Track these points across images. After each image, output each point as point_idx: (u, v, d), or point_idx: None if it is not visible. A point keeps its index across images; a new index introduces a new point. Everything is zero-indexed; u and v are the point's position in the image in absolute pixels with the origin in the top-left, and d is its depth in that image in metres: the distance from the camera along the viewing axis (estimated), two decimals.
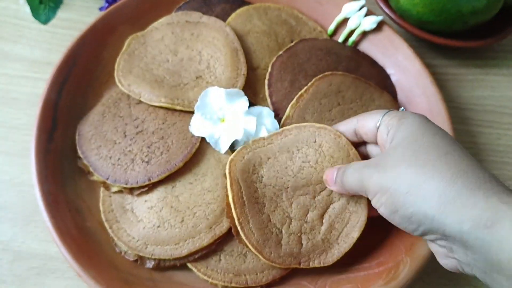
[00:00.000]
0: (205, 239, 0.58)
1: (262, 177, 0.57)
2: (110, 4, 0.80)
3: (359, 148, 0.59)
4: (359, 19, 0.75)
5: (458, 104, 0.80)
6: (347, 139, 0.58)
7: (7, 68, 0.76)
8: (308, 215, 0.56)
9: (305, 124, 0.60)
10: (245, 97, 0.64)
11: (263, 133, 0.63)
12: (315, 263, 0.55)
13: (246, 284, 0.57)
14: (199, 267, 0.58)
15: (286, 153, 0.58)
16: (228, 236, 0.59)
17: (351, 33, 0.76)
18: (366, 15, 0.75)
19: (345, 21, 0.77)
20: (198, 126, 0.63)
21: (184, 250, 0.57)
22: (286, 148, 0.58)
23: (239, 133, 0.62)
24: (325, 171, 0.56)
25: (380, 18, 0.74)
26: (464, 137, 0.77)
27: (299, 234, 0.55)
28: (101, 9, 0.82)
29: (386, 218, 0.47)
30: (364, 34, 0.76)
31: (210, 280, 0.57)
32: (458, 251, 0.42)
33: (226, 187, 0.57)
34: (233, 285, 0.57)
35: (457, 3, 0.70)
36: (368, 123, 0.53)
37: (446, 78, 0.82)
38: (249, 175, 0.57)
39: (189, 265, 0.59)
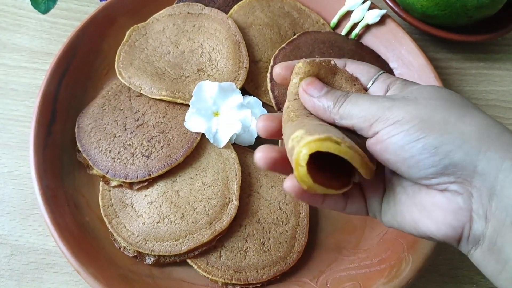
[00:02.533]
0: (205, 235, 0.57)
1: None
2: None
3: None
4: (362, 12, 0.74)
5: None
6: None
7: (6, 58, 0.75)
8: None
9: None
10: (238, 90, 0.64)
11: (253, 123, 0.62)
12: None
13: (247, 281, 0.57)
14: (199, 263, 0.58)
15: None
16: (229, 232, 0.59)
17: (354, 26, 0.75)
18: (370, 8, 0.74)
19: (348, 14, 0.76)
20: (193, 122, 0.62)
21: (184, 246, 0.57)
22: None
23: (237, 126, 0.61)
24: (305, 81, 0.45)
25: (383, 11, 0.73)
26: None
27: None
28: None
29: (391, 153, 0.40)
30: (367, 27, 0.75)
31: (210, 276, 0.57)
32: (479, 197, 0.37)
33: (226, 182, 0.56)
34: (233, 282, 0.57)
35: None
36: (361, 71, 0.47)
37: (449, 72, 0.81)
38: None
39: (189, 261, 0.58)
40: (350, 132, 0.42)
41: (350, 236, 0.62)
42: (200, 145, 0.62)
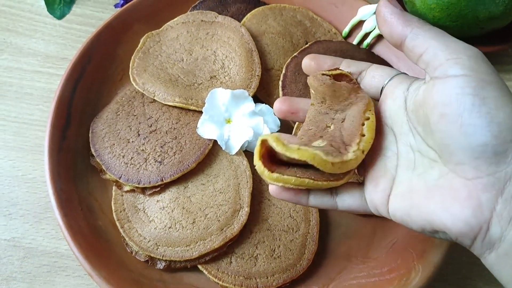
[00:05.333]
0: (216, 241, 0.58)
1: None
2: (125, 1, 0.80)
3: None
4: (374, 22, 0.74)
5: None
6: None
7: (21, 62, 0.76)
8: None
9: None
10: (250, 97, 0.64)
11: (265, 130, 0.63)
12: None
13: (257, 287, 0.57)
14: (210, 269, 0.58)
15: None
16: (239, 238, 0.59)
17: (366, 35, 0.76)
18: None
19: (360, 23, 0.76)
20: (206, 128, 0.63)
21: (195, 252, 0.57)
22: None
23: (249, 134, 0.62)
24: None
25: None
26: None
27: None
28: (116, 5, 0.82)
29: (454, 111, 0.37)
30: (379, 37, 0.75)
31: (220, 282, 0.57)
32: (509, 200, 0.35)
33: (237, 189, 0.56)
34: None
35: (474, 8, 0.69)
36: (382, 71, 0.48)
37: None
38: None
39: (199, 267, 0.58)
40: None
41: (359, 245, 0.62)
42: (212, 151, 0.63)
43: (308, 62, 0.51)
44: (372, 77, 0.48)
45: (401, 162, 0.44)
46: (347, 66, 0.50)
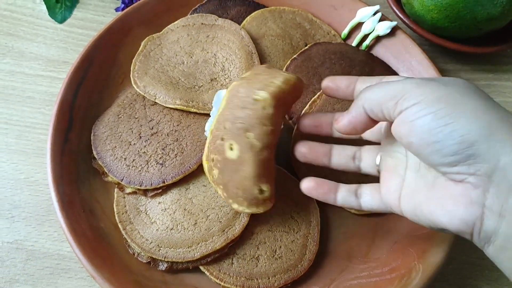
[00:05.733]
0: (217, 242, 0.58)
1: None
2: (126, 5, 0.80)
3: None
4: (373, 24, 0.75)
5: None
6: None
7: (23, 66, 0.77)
8: None
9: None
10: None
11: None
12: None
13: None
14: (212, 270, 0.58)
15: None
16: (241, 239, 0.59)
17: (365, 37, 0.76)
18: (380, 20, 0.75)
19: (359, 25, 0.76)
20: None
21: (196, 253, 0.58)
22: None
23: None
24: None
25: (394, 23, 0.74)
26: None
27: None
28: (117, 9, 0.82)
29: (416, 135, 0.39)
30: (378, 38, 0.76)
31: (222, 283, 0.58)
32: (496, 193, 0.37)
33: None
34: None
35: (472, 10, 0.69)
36: (369, 82, 0.50)
37: None
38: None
39: (201, 268, 0.59)
40: None
41: (360, 245, 0.62)
42: None
43: (326, 84, 0.53)
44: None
45: (409, 163, 0.47)
46: (362, 82, 0.51)
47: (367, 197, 0.51)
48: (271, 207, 0.54)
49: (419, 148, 0.40)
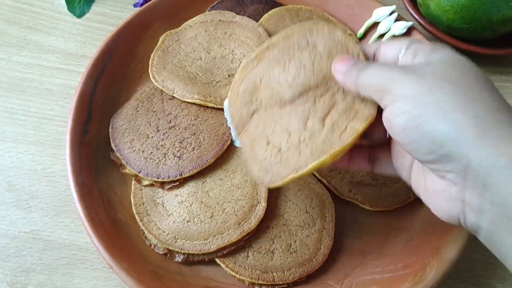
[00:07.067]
0: (233, 235, 0.58)
1: (261, 101, 0.52)
2: (145, 0, 0.81)
3: None
4: (389, 24, 0.75)
5: None
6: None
7: (41, 59, 0.78)
8: (308, 123, 0.48)
9: (291, 28, 0.53)
10: None
11: None
12: (312, 165, 0.46)
13: (273, 282, 0.58)
14: (227, 262, 0.59)
15: (277, 66, 0.51)
16: (256, 233, 0.60)
17: (380, 37, 0.77)
18: (396, 20, 0.76)
19: (375, 25, 0.77)
20: None
21: (212, 245, 0.58)
22: (276, 62, 0.52)
23: None
24: (335, 60, 0.47)
25: (410, 23, 0.75)
26: None
27: (298, 144, 0.47)
28: (135, 5, 0.83)
29: (395, 134, 0.41)
30: (394, 38, 0.76)
31: (237, 276, 0.58)
32: (472, 192, 0.37)
33: (254, 184, 0.57)
34: (260, 282, 0.58)
35: (487, 11, 0.70)
36: (393, 45, 0.46)
37: None
38: (248, 107, 0.53)
39: (217, 260, 0.59)
40: None
41: (374, 241, 0.62)
42: (230, 148, 0.64)
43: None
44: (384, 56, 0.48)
45: None
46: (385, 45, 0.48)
47: (381, 163, 0.52)
48: None
49: (402, 144, 0.41)
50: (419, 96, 0.38)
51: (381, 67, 0.43)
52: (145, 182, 0.62)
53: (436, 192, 0.41)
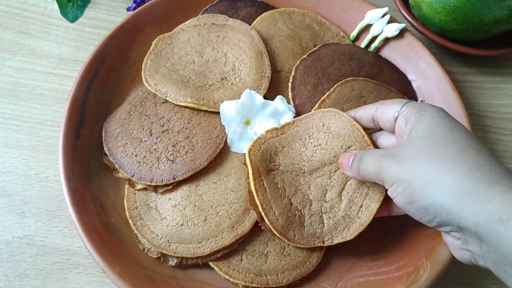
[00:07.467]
0: (227, 239, 0.58)
1: (279, 165, 0.60)
2: (138, 4, 0.81)
3: (373, 134, 0.61)
4: (381, 26, 0.75)
5: (477, 112, 0.80)
6: (364, 125, 0.60)
7: (35, 64, 0.78)
8: (327, 195, 0.58)
9: (313, 112, 0.64)
10: (269, 101, 0.66)
11: (285, 119, 0.66)
12: (338, 239, 0.57)
13: (267, 285, 0.58)
14: (221, 266, 0.59)
15: (299, 140, 0.61)
16: (250, 236, 0.60)
17: (373, 39, 0.77)
18: (389, 22, 0.76)
19: (368, 27, 0.77)
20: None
21: (206, 249, 0.58)
22: (298, 136, 0.62)
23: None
24: (341, 156, 0.58)
25: (402, 25, 0.75)
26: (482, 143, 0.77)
27: (320, 214, 0.57)
28: (128, 9, 0.83)
29: (401, 208, 0.48)
30: (386, 40, 0.77)
31: (231, 279, 0.58)
32: (472, 243, 0.43)
33: (247, 180, 0.58)
34: (254, 285, 0.58)
35: (479, 12, 0.70)
36: (386, 111, 0.54)
37: (465, 86, 0.83)
38: (267, 163, 0.59)
39: (211, 264, 0.59)
40: None
41: (368, 243, 0.62)
42: (224, 151, 0.64)
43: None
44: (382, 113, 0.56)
45: None
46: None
47: (383, 140, 0.59)
48: None
49: (410, 215, 0.48)
50: (405, 179, 0.45)
51: (372, 156, 0.51)
52: (139, 186, 0.62)
53: (449, 243, 0.47)
